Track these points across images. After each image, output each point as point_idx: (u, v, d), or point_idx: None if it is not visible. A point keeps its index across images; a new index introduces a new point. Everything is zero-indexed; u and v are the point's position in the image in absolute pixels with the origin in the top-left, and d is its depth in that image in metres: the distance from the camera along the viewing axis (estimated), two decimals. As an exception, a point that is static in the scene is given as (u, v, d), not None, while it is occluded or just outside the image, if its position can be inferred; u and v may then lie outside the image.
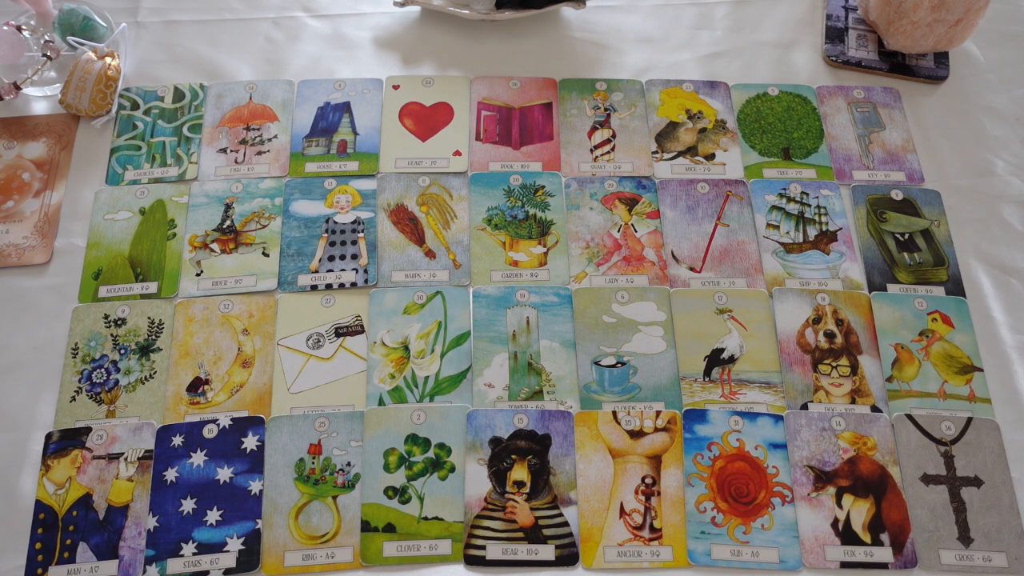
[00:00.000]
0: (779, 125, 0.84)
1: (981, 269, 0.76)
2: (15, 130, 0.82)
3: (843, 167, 0.81)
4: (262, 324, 0.72)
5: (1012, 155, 0.83)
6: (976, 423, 0.68)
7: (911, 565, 0.63)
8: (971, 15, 0.82)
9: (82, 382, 0.69)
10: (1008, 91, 0.87)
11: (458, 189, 0.79)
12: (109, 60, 0.81)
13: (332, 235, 0.76)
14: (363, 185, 0.79)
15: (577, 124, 0.83)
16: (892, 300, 0.74)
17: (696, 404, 0.69)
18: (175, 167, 0.79)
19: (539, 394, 0.69)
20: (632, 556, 0.63)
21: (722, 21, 0.91)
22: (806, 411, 0.69)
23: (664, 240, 0.77)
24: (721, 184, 0.80)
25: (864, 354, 0.71)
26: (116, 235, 0.76)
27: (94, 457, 0.66)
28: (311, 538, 0.63)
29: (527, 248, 0.76)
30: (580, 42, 0.89)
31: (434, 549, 0.63)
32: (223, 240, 0.76)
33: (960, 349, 0.72)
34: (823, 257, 0.76)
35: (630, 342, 0.71)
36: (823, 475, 0.66)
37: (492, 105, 0.84)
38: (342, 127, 0.82)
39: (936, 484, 0.66)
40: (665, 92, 0.85)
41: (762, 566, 0.63)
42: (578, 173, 0.80)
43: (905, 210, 0.79)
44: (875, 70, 0.88)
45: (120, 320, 0.71)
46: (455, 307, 0.73)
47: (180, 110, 0.83)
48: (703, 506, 0.65)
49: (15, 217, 0.77)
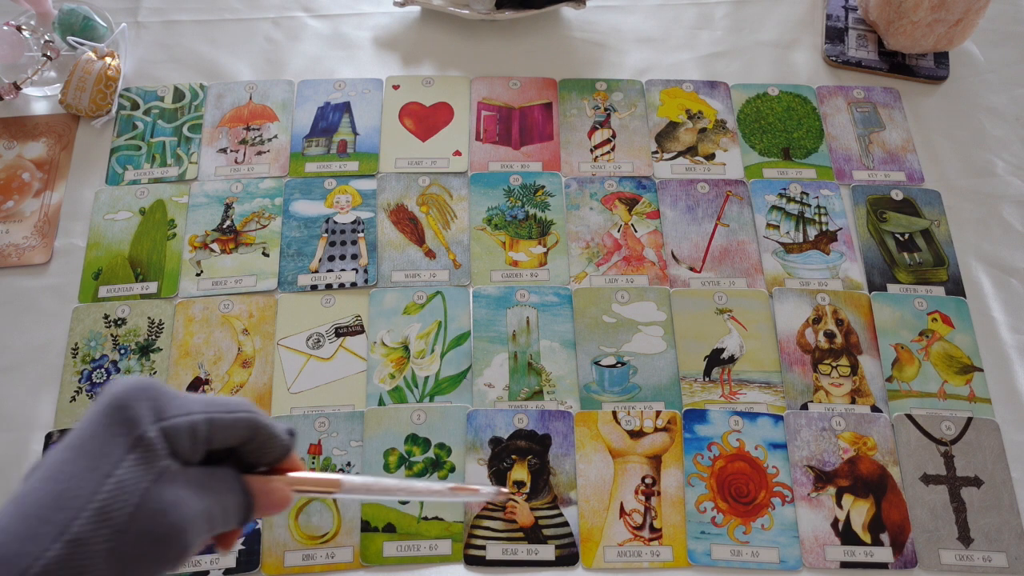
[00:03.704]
0: (779, 125, 0.84)
1: (981, 269, 0.76)
2: (15, 130, 0.82)
3: (843, 167, 0.81)
4: (262, 324, 0.72)
5: (1012, 155, 0.83)
6: (976, 423, 0.68)
7: (911, 565, 0.63)
8: (971, 15, 0.82)
9: (82, 382, 0.69)
10: (1008, 91, 0.87)
11: (458, 189, 0.79)
12: (109, 60, 0.81)
13: (332, 235, 0.76)
14: (363, 185, 0.79)
15: (577, 124, 0.83)
16: (892, 300, 0.74)
17: (696, 404, 0.69)
18: (175, 167, 0.79)
19: (539, 394, 0.69)
20: (632, 556, 0.63)
21: (722, 21, 0.91)
22: (806, 411, 0.69)
23: (664, 240, 0.77)
24: (721, 184, 0.80)
25: (864, 354, 0.71)
26: (116, 235, 0.76)
27: (94, 457, 0.66)
28: (311, 538, 0.63)
29: (527, 248, 0.76)
30: (580, 42, 0.89)
31: (434, 549, 0.63)
32: (223, 240, 0.76)
33: (960, 349, 0.72)
34: (823, 257, 0.76)
35: (630, 342, 0.71)
36: (823, 475, 0.66)
37: (492, 105, 0.84)
38: (342, 127, 0.82)
39: (936, 484, 0.66)
40: (665, 92, 0.85)
41: (762, 566, 0.63)
42: (578, 173, 0.80)
43: (905, 210, 0.79)
44: (875, 70, 0.88)
45: (120, 320, 0.71)
46: (455, 307, 0.73)
47: (180, 110, 0.83)
48: (703, 506, 0.65)
49: (15, 217, 0.77)
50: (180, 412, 0.40)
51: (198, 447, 0.40)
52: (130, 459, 0.38)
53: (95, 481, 0.36)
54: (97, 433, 0.38)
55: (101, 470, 0.37)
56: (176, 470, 0.39)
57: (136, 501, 0.37)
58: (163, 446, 0.38)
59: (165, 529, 0.38)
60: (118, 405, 0.38)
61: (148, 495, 0.37)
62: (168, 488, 0.38)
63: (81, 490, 0.36)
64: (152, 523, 0.37)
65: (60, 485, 0.36)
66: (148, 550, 0.37)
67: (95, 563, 0.35)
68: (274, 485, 0.45)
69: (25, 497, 0.36)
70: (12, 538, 0.35)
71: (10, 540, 0.35)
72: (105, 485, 0.36)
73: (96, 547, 0.35)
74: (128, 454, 0.38)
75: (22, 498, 0.36)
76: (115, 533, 0.36)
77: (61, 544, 0.35)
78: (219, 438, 0.41)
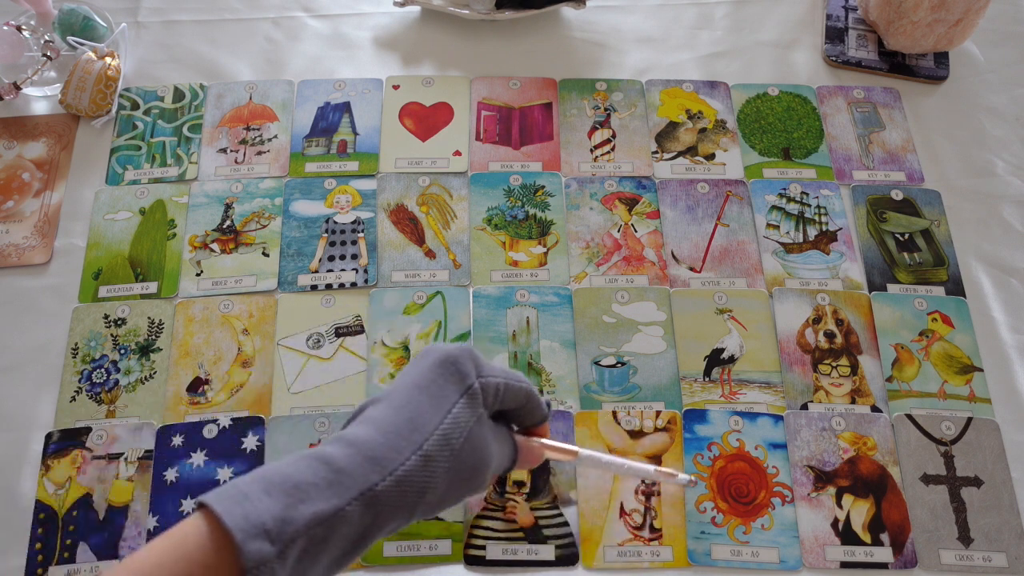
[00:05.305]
0: (779, 125, 0.84)
1: (981, 269, 0.76)
2: (15, 130, 0.82)
3: (843, 167, 0.81)
4: (262, 324, 0.72)
5: (1012, 155, 0.83)
6: (976, 423, 0.68)
7: (911, 565, 0.63)
8: (971, 15, 0.82)
9: (82, 382, 0.69)
10: (1008, 91, 0.87)
11: (458, 189, 0.79)
12: (109, 60, 0.81)
13: (332, 235, 0.76)
14: (363, 185, 0.79)
15: (577, 124, 0.83)
16: (892, 300, 0.74)
17: (696, 404, 0.69)
18: (175, 167, 0.79)
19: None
20: (632, 556, 0.63)
21: (722, 21, 0.91)
22: (806, 411, 0.69)
23: (664, 240, 0.77)
24: (721, 184, 0.80)
25: (864, 354, 0.71)
26: (116, 235, 0.76)
27: (94, 457, 0.66)
28: (311, 538, 0.63)
29: (527, 248, 0.76)
30: (580, 42, 0.89)
31: (434, 549, 0.63)
32: (223, 240, 0.76)
33: (960, 349, 0.72)
34: (823, 257, 0.76)
35: (630, 342, 0.71)
36: (823, 475, 0.66)
37: (492, 105, 0.84)
38: (342, 127, 0.82)
39: (936, 484, 0.66)
40: (665, 92, 0.85)
41: (762, 566, 0.63)
42: (578, 173, 0.80)
43: (905, 210, 0.79)
44: (875, 70, 0.88)
45: (120, 320, 0.71)
46: (455, 307, 0.73)
47: (180, 110, 0.83)
48: (703, 506, 0.65)
49: (15, 217, 0.77)
50: (491, 374, 0.50)
51: (495, 403, 0.50)
52: (462, 402, 0.48)
53: (440, 414, 0.47)
54: (436, 379, 0.48)
55: (443, 407, 0.47)
56: (485, 417, 0.49)
57: (466, 434, 0.47)
58: (481, 397, 0.48)
59: (481, 458, 0.48)
60: (452, 360, 0.49)
61: (473, 432, 0.47)
62: (482, 429, 0.48)
63: (430, 419, 0.46)
64: (474, 453, 0.47)
65: (412, 414, 0.46)
66: (467, 474, 0.47)
67: (437, 476, 0.45)
68: (532, 444, 0.55)
69: (383, 420, 0.46)
70: (380, 446, 0.44)
71: (379, 447, 0.44)
72: (447, 418, 0.47)
73: (440, 464, 0.46)
74: (460, 398, 0.48)
75: (381, 421, 0.46)
76: (452, 455, 0.46)
77: (417, 456, 0.45)
78: (508, 399, 0.51)
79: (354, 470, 0.43)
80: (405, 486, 0.44)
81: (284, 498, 0.41)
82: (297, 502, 0.41)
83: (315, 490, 0.42)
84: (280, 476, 0.42)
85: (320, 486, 0.42)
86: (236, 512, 0.40)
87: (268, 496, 0.41)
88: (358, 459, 0.43)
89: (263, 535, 0.39)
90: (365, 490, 0.43)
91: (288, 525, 0.40)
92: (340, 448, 0.44)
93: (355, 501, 0.42)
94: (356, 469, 0.43)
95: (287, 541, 0.40)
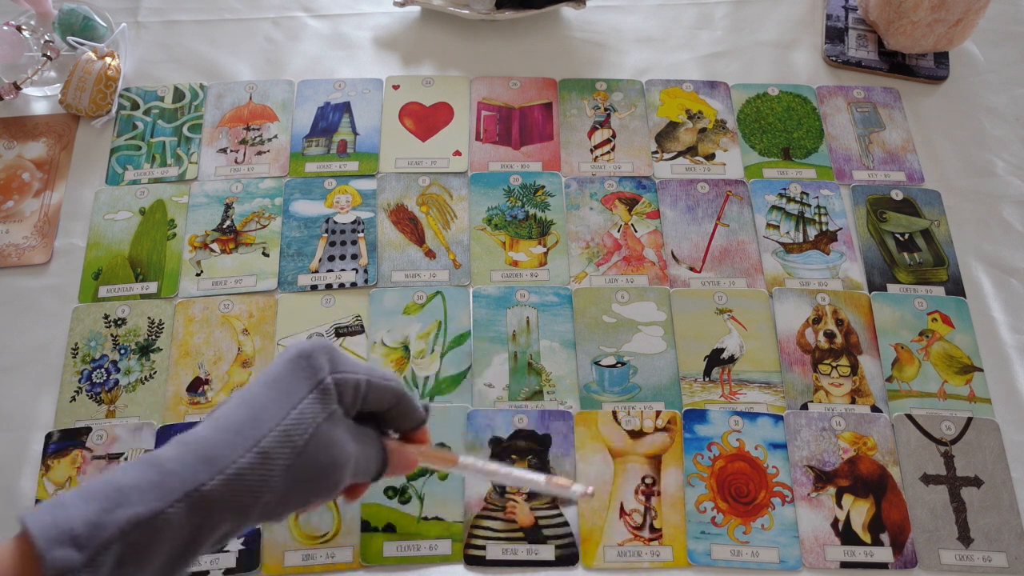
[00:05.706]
0: (779, 125, 0.84)
1: (981, 269, 0.76)
2: (15, 130, 0.82)
3: (843, 167, 0.81)
4: (262, 324, 0.72)
5: (1012, 155, 0.83)
6: (976, 423, 0.68)
7: (911, 565, 0.63)
8: (971, 15, 0.82)
9: (82, 382, 0.69)
10: (1008, 91, 0.87)
11: (458, 189, 0.79)
12: (109, 60, 0.81)
13: (332, 235, 0.76)
14: (363, 185, 0.79)
15: (577, 124, 0.83)
16: (892, 300, 0.74)
17: (696, 404, 0.69)
18: (175, 167, 0.79)
19: (539, 394, 0.69)
20: (632, 556, 0.63)
21: (722, 21, 0.91)
22: (806, 411, 0.69)
23: (664, 240, 0.77)
24: (721, 184, 0.80)
25: (864, 354, 0.71)
26: (116, 235, 0.76)
27: (94, 457, 0.66)
28: (311, 538, 0.63)
29: (527, 248, 0.76)
30: (580, 42, 0.89)
31: (434, 549, 0.63)
32: (223, 240, 0.76)
33: (960, 349, 0.72)
34: (823, 257, 0.76)
35: (630, 342, 0.71)
36: (823, 475, 0.66)
37: (492, 105, 0.84)
38: (342, 127, 0.82)
39: (936, 484, 0.66)
40: (665, 92, 0.85)
41: (762, 566, 0.63)
42: (578, 173, 0.80)
43: (905, 210, 0.79)
44: (875, 70, 0.88)
45: (120, 320, 0.71)
46: (455, 307, 0.73)
47: (180, 110, 0.83)
48: (703, 506, 0.65)
49: (15, 217, 0.77)
50: (349, 370, 0.48)
51: (356, 403, 0.48)
52: (311, 397, 0.45)
53: (283, 409, 0.45)
54: (285, 375, 0.46)
55: (288, 402, 0.45)
56: (340, 416, 0.47)
57: (312, 431, 0.45)
58: (335, 393, 0.46)
59: (329, 459, 0.45)
60: (304, 355, 0.47)
61: (321, 428, 0.45)
62: (335, 428, 0.46)
63: (272, 414, 0.44)
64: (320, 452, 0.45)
65: (254, 410, 0.44)
66: (313, 475, 0.45)
67: (275, 475, 0.43)
68: (406, 449, 0.52)
69: (223, 418, 0.44)
70: (213, 444, 0.43)
71: (212, 445, 0.42)
72: (291, 414, 0.45)
73: (279, 462, 0.43)
74: (309, 393, 0.46)
75: (220, 418, 0.44)
76: (294, 453, 0.44)
77: (253, 454, 0.43)
78: (372, 399, 0.49)
79: (182, 470, 0.41)
80: (237, 485, 0.42)
81: (101, 503, 0.39)
82: (115, 506, 0.39)
83: (136, 493, 0.40)
84: (105, 481, 0.40)
85: (143, 488, 0.40)
86: (45, 520, 0.38)
87: (84, 502, 0.39)
88: (189, 458, 0.42)
89: (69, 542, 0.38)
90: (191, 490, 0.41)
91: (101, 530, 0.38)
92: (173, 448, 0.43)
93: (178, 503, 0.40)
94: (184, 469, 0.41)
95: (99, 547, 0.38)
